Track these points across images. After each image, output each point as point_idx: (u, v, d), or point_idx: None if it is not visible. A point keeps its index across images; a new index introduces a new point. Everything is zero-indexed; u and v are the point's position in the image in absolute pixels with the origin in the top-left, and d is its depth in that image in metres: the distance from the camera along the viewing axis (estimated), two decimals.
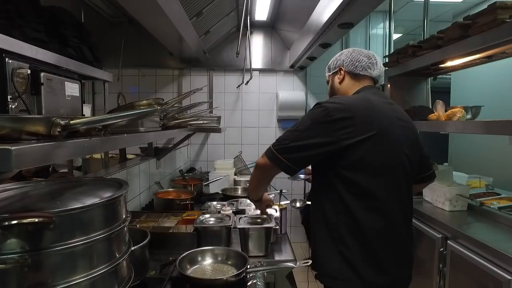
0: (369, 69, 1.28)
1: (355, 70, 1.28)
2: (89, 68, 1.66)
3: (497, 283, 1.33)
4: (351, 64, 1.29)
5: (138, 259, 1.08)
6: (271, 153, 1.15)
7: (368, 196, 1.11)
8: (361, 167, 1.10)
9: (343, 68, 1.31)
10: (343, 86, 1.31)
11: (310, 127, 1.11)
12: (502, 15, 1.43)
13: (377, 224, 1.11)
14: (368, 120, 1.11)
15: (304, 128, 1.12)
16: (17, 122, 0.60)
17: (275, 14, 3.43)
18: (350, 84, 1.30)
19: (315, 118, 1.12)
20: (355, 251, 1.10)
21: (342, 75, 1.31)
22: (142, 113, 0.86)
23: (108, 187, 0.86)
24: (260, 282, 1.22)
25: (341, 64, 1.31)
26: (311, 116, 1.14)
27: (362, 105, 1.14)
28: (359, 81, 1.29)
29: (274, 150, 1.15)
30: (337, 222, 1.13)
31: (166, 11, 1.80)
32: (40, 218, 0.57)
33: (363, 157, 1.09)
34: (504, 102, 2.49)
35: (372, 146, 1.09)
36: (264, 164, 1.19)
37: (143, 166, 2.24)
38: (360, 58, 1.28)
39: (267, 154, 1.18)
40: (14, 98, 1.00)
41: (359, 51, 1.31)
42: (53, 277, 0.63)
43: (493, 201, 1.94)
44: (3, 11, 1.19)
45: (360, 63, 1.28)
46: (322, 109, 1.12)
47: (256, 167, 1.25)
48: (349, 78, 1.30)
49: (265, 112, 3.92)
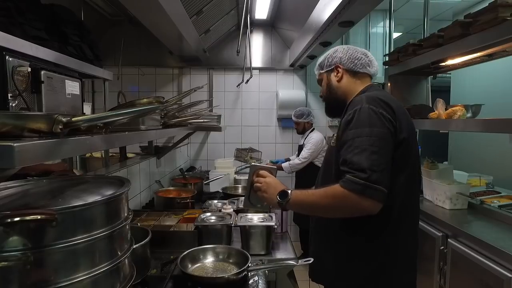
0: (368, 66, 1.24)
1: (355, 68, 1.23)
2: (89, 66, 1.66)
3: (497, 281, 1.33)
4: (350, 62, 1.23)
5: (140, 258, 1.08)
6: (376, 192, 0.95)
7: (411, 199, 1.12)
8: (403, 170, 1.06)
9: (341, 66, 1.24)
10: (343, 85, 1.25)
11: (382, 140, 1.00)
12: (503, 13, 1.42)
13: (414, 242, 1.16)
14: (404, 118, 1.08)
15: (381, 144, 0.99)
16: (19, 119, 0.60)
17: (275, 13, 3.42)
18: (351, 82, 1.24)
19: (378, 126, 1.01)
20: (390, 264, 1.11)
21: (340, 73, 1.24)
22: (143, 110, 0.86)
23: (109, 185, 0.86)
24: (262, 280, 1.22)
25: (338, 61, 1.24)
26: (372, 125, 1.01)
27: (397, 104, 1.10)
28: (360, 79, 1.24)
29: (378, 185, 0.95)
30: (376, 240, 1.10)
31: (167, 9, 1.79)
32: (43, 215, 0.57)
33: (404, 157, 1.06)
34: (504, 101, 2.49)
35: (409, 144, 1.07)
36: (373, 207, 0.97)
37: (144, 165, 2.24)
38: (358, 55, 1.23)
39: (372, 195, 0.95)
40: (15, 96, 0.99)
41: (354, 49, 1.26)
42: (55, 274, 0.62)
43: (493, 200, 1.94)
44: (3, 9, 1.19)
45: (359, 60, 1.23)
46: (375, 113, 1.03)
47: (343, 206, 1.01)
48: (349, 76, 1.24)
49: (265, 111, 3.92)
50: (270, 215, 1.58)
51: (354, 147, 1.00)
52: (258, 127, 3.92)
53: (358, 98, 1.12)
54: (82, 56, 1.63)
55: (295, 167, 3.23)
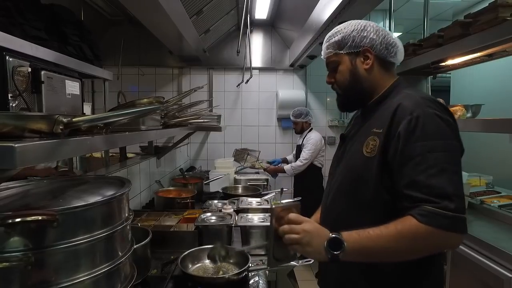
0: (398, 55, 0.97)
1: (388, 56, 0.95)
2: (89, 66, 1.66)
3: (497, 280, 1.33)
4: (384, 48, 0.94)
5: (140, 258, 1.08)
6: (462, 223, 0.76)
7: None
8: None
9: (372, 51, 0.94)
10: (372, 76, 0.96)
11: (458, 156, 0.83)
12: (503, 13, 1.43)
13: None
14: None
15: (458, 162, 0.82)
16: (20, 119, 0.60)
17: (275, 13, 3.42)
18: (380, 75, 0.97)
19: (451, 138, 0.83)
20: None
21: (371, 59, 0.95)
22: (144, 111, 0.85)
23: (110, 185, 0.86)
24: (262, 280, 1.22)
25: (368, 43, 0.94)
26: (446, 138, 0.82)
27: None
28: (390, 71, 0.99)
29: (458, 213, 0.76)
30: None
31: (167, 9, 1.79)
32: (44, 216, 0.57)
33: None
34: (504, 101, 2.49)
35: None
36: (460, 242, 0.82)
37: (144, 165, 2.24)
38: (392, 40, 0.95)
39: (459, 228, 0.76)
40: (15, 97, 0.99)
41: (384, 30, 0.97)
42: (56, 275, 0.62)
43: (493, 199, 1.95)
44: (3, 8, 1.19)
45: (393, 47, 0.95)
46: (443, 121, 0.83)
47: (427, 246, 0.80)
48: (379, 67, 0.96)
49: (265, 110, 3.92)
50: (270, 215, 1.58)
51: (427, 165, 0.78)
52: (258, 127, 3.92)
53: (409, 100, 0.87)
54: (82, 56, 1.63)
55: (297, 169, 3.22)
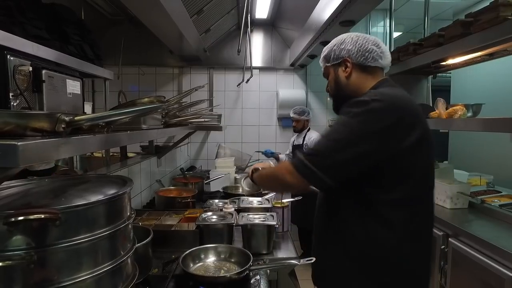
0: (380, 59, 1.08)
1: (366, 62, 1.08)
2: (90, 65, 1.66)
3: (498, 280, 1.33)
4: (360, 55, 1.07)
5: (141, 257, 1.08)
6: (305, 167, 0.95)
7: (418, 209, 1.00)
8: (409, 174, 0.97)
9: (349, 60, 1.09)
10: (352, 81, 1.10)
11: (361, 135, 0.93)
12: (504, 12, 1.43)
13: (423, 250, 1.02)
14: (417, 120, 0.97)
15: (349, 136, 0.94)
16: (22, 118, 0.59)
17: (276, 12, 3.42)
18: (361, 78, 1.09)
19: (364, 122, 0.93)
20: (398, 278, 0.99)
21: (349, 68, 1.09)
22: (145, 110, 0.85)
23: (112, 184, 0.86)
24: (263, 279, 1.22)
25: (345, 54, 1.09)
26: (358, 119, 0.94)
27: (407, 103, 0.99)
28: (372, 74, 1.10)
29: (312, 164, 0.94)
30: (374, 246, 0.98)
31: (167, 8, 1.79)
32: (46, 214, 0.56)
33: (414, 162, 0.96)
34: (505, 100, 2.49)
35: (421, 149, 0.96)
36: (291, 181, 0.99)
37: (144, 164, 2.24)
38: (369, 47, 1.07)
39: (297, 168, 0.96)
40: (16, 96, 0.99)
41: (365, 38, 1.09)
42: (59, 274, 0.62)
43: (494, 199, 1.95)
44: (4, 8, 1.19)
45: (370, 53, 1.07)
46: (373, 113, 0.93)
47: (275, 179, 1.07)
48: (359, 72, 1.09)
49: (265, 110, 3.92)
50: (271, 215, 1.58)
51: (324, 133, 1.05)
52: (258, 126, 3.92)
53: (368, 93, 1.03)
54: (82, 56, 1.63)
55: None
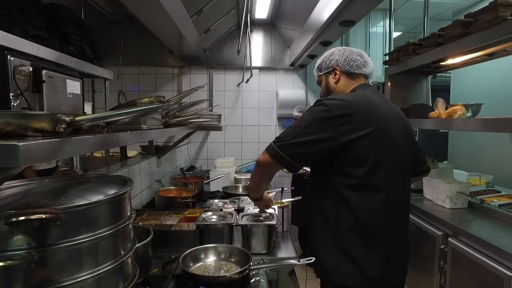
0: (363, 67, 1.31)
1: (351, 69, 1.31)
2: (90, 66, 1.66)
3: (497, 279, 1.34)
4: (346, 64, 1.31)
5: (142, 257, 1.08)
6: (273, 149, 1.16)
7: (368, 191, 1.14)
8: (361, 163, 1.13)
9: (338, 68, 1.32)
10: (339, 85, 1.33)
11: (312, 123, 1.13)
12: (504, 12, 1.43)
13: (376, 219, 1.14)
14: (367, 116, 1.14)
15: (306, 124, 1.14)
16: (23, 118, 0.60)
17: (275, 12, 3.42)
18: (346, 83, 1.32)
19: (316, 114, 1.14)
20: (354, 245, 1.14)
21: (338, 75, 1.32)
22: (146, 110, 0.85)
23: (112, 184, 0.86)
24: (263, 279, 1.22)
25: (335, 64, 1.33)
26: (312, 112, 1.16)
27: (362, 102, 1.18)
28: (354, 80, 1.32)
29: (276, 146, 1.15)
30: (336, 217, 1.16)
31: (167, 8, 1.79)
32: (47, 214, 0.57)
33: (363, 152, 1.12)
34: (504, 100, 2.50)
35: (371, 142, 1.12)
36: (265, 161, 1.19)
37: (144, 164, 2.24)
38: (354, 57, 1.31)
39: (268, 151, 1.18)
40: (16, 96, 0.99)
41: (350, 50, 1.33)
42: (59, 273, 0.62)
43: (493, 199, 1.95)
44: (4, 8, 1.19)
45: (354, 62, 1.30)
46: (323, 106, 1.14)
47: (257, 164, 1.26)
48: (345, 77, 1.32)
49: (265, 110, 3.92)
50: (271, 214, 1.58)
51: (288, 127, 1.21)
52: (258, 126, 3.92)
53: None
54: (82, 56, 1.64)
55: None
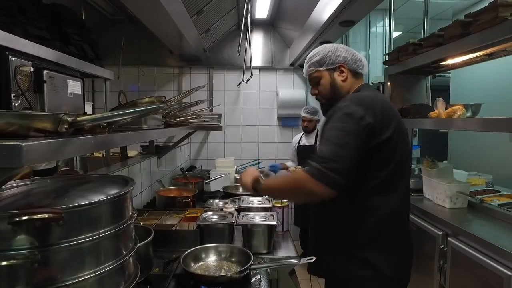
0: (365, 67, 1.31)
1: (357, 68, 1.28)
2: (90, 66, 1.66)
3: (497, 279, 1.34)
4: (354, 62, 1.28)
5: (143, 256, 1.08)
6: (323, 174, 1.01)
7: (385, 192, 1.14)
8: (386, 163, 1.11)
9: (345, 66, 1.27)
10: (346, 84, 1.28)
11: (351, 135, 1.06)
12: (503, 12, 1.43)
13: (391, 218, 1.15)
14: (390, 117, 1.14)
15: (348, 139, 1.05)
16: (26, 118, 0.60)
17: (275, 12, 3.43)
18: (351, 82, 1.29)
19: (350, 123, 1.07)
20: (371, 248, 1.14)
21: (345, 73, 1.27)
22: (147, 110, 0.86)
23: (113, 184, 0.86)
24: (264, 279, 1.23)
25: (342, 60, 1.27)
26: (345, 122, 1.08)
27: (384, 104, 1.16)
28: (358, 79, 1.30)
29: (327, 170, 1.01)
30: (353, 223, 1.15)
31: (167, 8, 1.79)
32: (50, 214, 0.57)
33: (389, 153, 1.11)
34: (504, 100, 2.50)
35: (395, 142, 1.11)
36: (318, 189, 1.01)
37: (144, 164, 2.24)
38: (359, 57, 1.30)
39: (317, 177, 1.01)
40: (17, 96, 1.00)
41: (351, 49, 1.31)
42: (62, 273, 0.63)
43: (493, 198, 1.95)
44: (5, 8, 1.19)
45: (360, 62, 1.29)
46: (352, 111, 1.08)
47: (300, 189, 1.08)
48: (351, 76, 1.29)
49: (265, 110, 3.92)
50: (271, 214, 1.59)
51: (324, 139, 1.10)
52: (258, 126, 3.93)
53: (348, 97, 1.21)
54: (83, 56, 1.64)
55: None
